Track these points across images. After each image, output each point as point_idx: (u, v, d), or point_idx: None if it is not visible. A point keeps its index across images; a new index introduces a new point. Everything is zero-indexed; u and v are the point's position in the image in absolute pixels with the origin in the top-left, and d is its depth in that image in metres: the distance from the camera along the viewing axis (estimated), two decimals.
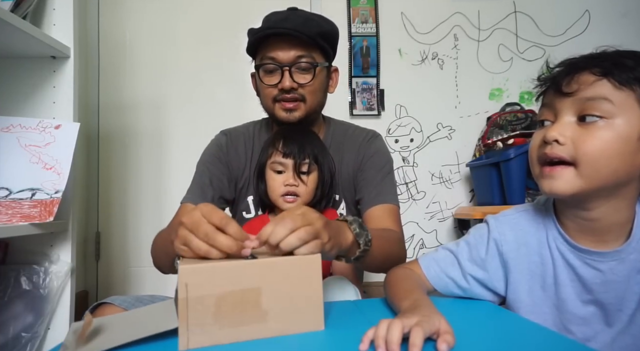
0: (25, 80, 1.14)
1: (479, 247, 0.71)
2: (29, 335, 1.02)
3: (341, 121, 1.15)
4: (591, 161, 0.56)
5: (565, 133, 0.58)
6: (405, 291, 0.63)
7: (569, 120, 0.59)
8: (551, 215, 0.67)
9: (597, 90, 0.56)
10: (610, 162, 0.56)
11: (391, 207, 1.00)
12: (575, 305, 0.64)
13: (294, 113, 0.98)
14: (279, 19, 0.96)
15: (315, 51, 0.97)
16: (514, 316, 0.64)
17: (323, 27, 0.97)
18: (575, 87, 0.58)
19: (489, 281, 0.70)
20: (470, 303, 0.70)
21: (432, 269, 0.73)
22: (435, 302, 0.56)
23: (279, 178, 0.93)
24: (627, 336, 0.61)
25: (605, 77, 0.56)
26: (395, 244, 0.91)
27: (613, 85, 0.56)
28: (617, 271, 0.61)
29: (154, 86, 2.14)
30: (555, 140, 0.58)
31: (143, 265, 2.06)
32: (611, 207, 0.60)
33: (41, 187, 1.01)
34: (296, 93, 0.97)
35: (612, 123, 0.56)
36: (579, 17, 2.26)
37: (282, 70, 0.95)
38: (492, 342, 0.51)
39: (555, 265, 0.65)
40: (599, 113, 0.56)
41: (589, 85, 0.57)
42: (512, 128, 1.95)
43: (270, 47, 0.95)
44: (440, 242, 2.18)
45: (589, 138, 0.56)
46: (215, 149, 1.06)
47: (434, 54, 2.23)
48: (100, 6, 2.13)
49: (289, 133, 0.95)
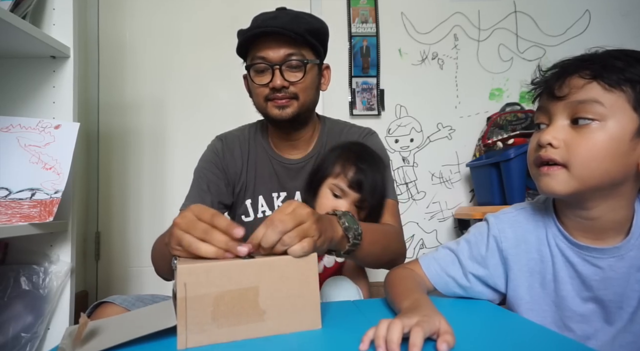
0: (25, 80, 1.14)
1: (479, 244, 0.72)
2: (28, 335, 1.02)
3: (336, 120, 1.15)
4: (583, 163, 0.57)
5: (558, 136, 0.59)
6: (405, 291, 0.63)
7: (562, 124, 0.60)
8: (551, 213, 0.68)
9: (588, 93, 0.57)
10: (602, 163, 0.57)
11: (389, 201, 1.00)
12: (575, 302, 0.64)
13: (286, 109, 0.97)
14: (267, 18, 0.96)
15: (305, 49, 0.97)
16: (514, 316, 0.64)
17: (312, 24, 0.97)
18: (566, 90, 0.59)
19: (489, 279, 0.70)
20: (470, 303, 0.70)
21: (433, 268, 0.73)
22: (435, 302, 0.57)
23: (335, 202, 0.90)
24: (627, 334, 0.61)
25: (595, 80, 0.57)
26: (393, 238, 0.91)
27: (603, 88, 0.56)
28: (617, 268, 0.61)
29: (154, 86, 2.14)
30: (549, 144, 0.59)
31: (143, 265, 2.06)
32: (609, 205, 0.60)
33: (41, 187, 1.01)
34: (287, 91, 0.97)
35: (604, 125, 0.56)
36: (579, 17, 2.26)
37: (272, 69, 0.95)
38: (492, 342, 0.51)
39: (554, 262, 0.65)
40: (591, 115, 0.57)
41: (579, 88, 0.58)
42: (512, 128, 1.95)
43: (260, 46, 0.95)
44: (440, 242, 2.18)
45: (581, 141, 0.57)
46: (212, 155, 1.07)
47: (434, 54, 2.23)
48: (100, 6, 2.13)
49: (361, 161, 0.91)
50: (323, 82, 1.07)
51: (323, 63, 1.05)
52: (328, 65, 1.08)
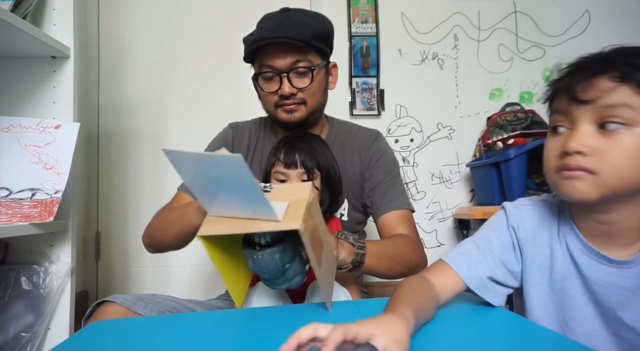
0: (25, 80, 1.14)
1: (500, 231, 0.70)
2: (29, 335, 1.02)
3: (344, 121, 1.15)
4: (614, 171, 0.54)
5: (587, 143, 0.55)
6: (394, 302, 0.57)
7: (588, 129, 0.56)
8: (566, 210, 0.66)
9: (618, 97, 0.54)
10: (632, 170, 0.54)
11: (404, 212, 1.01)
12: (578, 302, 0.63)
13: (295, 114, 0.98)
14: (272, 26, 0.95)
15: (311, 53, 0.97)
16: (530, 324, 0.63)
17: (317, 28, 0.97)
18: (593, 94, 0.55)
19: (509, 264, 0.68)
20: (485, 310, 0.67)
21: (462, 263, 0.68)
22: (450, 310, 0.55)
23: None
24: (628, 336, 0.61)
25: (625, 83, 0.54)
26: (405, 248, 0.92)
27: (633, 91, 0.53)
28: (623, 277, 0.60)
29: (154, 86, 2.14)
30: (577, 151, 0.56)
31: (143, 265, 2.06)
32: (628, 210, 0.59)
33: (41, 187, 1.01)
34: (296, 98, 0.97)
35: (634, 130, 0.54)
36: (579, 17, 2.26)
37: (280, 77, 0.95)
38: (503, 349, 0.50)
39: (563, 260, 0.65)
40: (621, 120, 0.54)
41: (608, 91, 0.54)
42: (512, 128, 1.95)
43: (267, 55, 0.95)
44: (440, 242, 2.18)
45: (611, 148, 0.54)
46: (221, 142, 1.07)
47: (434, 54, 2.23)
48: (100, 6, 2.13)
49: (291, 142, 0.93)
50: (331, 81, 1.07)
51: (330, 62, 1.05)
52: (335, 64, 1.07)
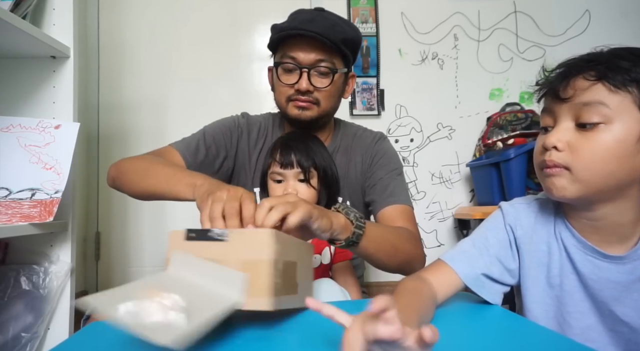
0: (25, 80, 1.14)
1: (497, 229, 0.71)
2: (28, 335, 1.02)
3: (350, 123, 1.15)
4: (586, 166, 0.57)
5: (562, 138, 0.58)
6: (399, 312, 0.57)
7: (567, 126, 0.59)
8: (561, 208, 0.67)
9: (593, 95, 0.56)
10: (606, 166, 0.56)
11: (404, 207, 0.98)
12: (574, 298, 0.64)
13: (306, 112, 0.97)
14: (306, 19, 0.95)
15: (336, 57, 0.97)
16: (527, 323, 0.63)
17: (347, 33, 0.97)
18: (571, 92, 0.58)
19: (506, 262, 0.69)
20: (482, 308, 0.68)
21: (459, 261, 0.68)
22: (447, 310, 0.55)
23: (279, 188, 0.92)
24: (622, 330, 0.62)
25: (600, 81, 0.56)
26: (406, 238, 0.88)
27: (608, 89, 0.55)
28: (617, 272, 0.61)
29: (154, 86, 2.14)
30: (553, 147, 0.59)
31: (143, 265, 2.06)
32: (615, 207, 0.60)
33: (41, 187, 1.01)
34: (311, 96, 0.96)
35: (609, 128, 0.56)
36: (579, 17, 2.26)
37: (300, 71, 0.94)
38: (501, 349, 0.50)
39: (560, 256, 0.66)
40: (596, 118, 0.56)
41: (584, 90, 0.57)
42: (512, 128, 1.95)
43: (292, 46, 0.95)
44: (440, 242, 2.18)
45: (585, 144, 0.57)
46: (232, 124, 1.07)
47: (434, 54, 2.23)
48: (100, 6, 2.13)
49: (287, 142, 0.93)
50: (346, 90, 1.07)
51: (350, 71, 1.05)
52: (354, 74, 1.07)
